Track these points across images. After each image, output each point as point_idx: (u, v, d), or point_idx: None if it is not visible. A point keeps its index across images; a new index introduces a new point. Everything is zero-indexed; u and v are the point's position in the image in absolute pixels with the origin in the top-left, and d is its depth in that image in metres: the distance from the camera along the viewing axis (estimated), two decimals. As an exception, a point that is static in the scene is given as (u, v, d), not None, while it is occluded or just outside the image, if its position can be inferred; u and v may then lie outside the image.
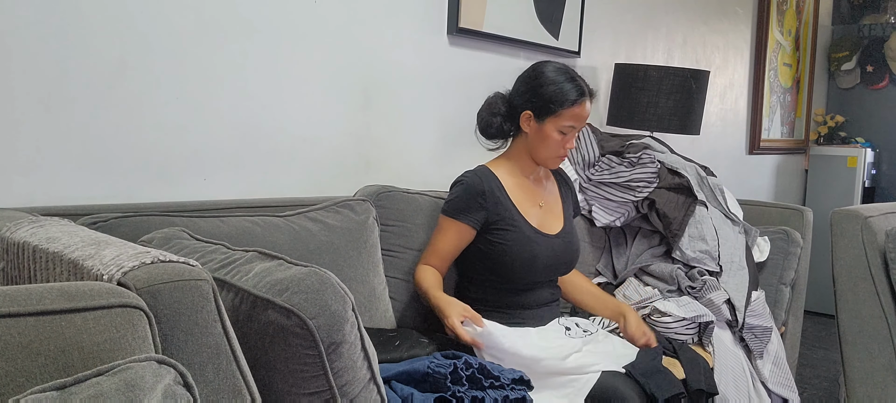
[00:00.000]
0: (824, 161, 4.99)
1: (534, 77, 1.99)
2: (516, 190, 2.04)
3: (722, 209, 2.59)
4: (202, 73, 1.90)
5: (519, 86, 2.02)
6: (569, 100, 1.94)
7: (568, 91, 1.94)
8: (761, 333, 2.40)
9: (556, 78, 1.96)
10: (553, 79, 1.95)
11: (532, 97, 1.97)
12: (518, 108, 2.00)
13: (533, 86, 1.98)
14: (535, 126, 1.98)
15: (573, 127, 1.97)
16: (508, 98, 2.04)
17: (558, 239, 2.07)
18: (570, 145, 2.00)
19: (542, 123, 1.97)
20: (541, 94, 1.95)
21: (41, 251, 1.15)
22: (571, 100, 1.94)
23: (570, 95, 1.94)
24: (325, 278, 1.17)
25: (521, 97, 2.00)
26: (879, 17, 5.15)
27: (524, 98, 1.99)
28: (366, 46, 2.28)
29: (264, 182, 2.07)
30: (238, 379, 1.01)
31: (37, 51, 1.61)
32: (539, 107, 1.96)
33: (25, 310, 0.83)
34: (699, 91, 2.96)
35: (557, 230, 2.09)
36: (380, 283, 1.97)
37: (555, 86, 1.94)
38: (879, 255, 2.18)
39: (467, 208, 1.95)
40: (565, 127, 1.96)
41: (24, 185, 1.62)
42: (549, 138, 1.97)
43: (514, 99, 2.02)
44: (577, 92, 1.95)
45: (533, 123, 1.98)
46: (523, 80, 2.02)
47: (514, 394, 1.61)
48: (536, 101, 1.96)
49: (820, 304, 4.70)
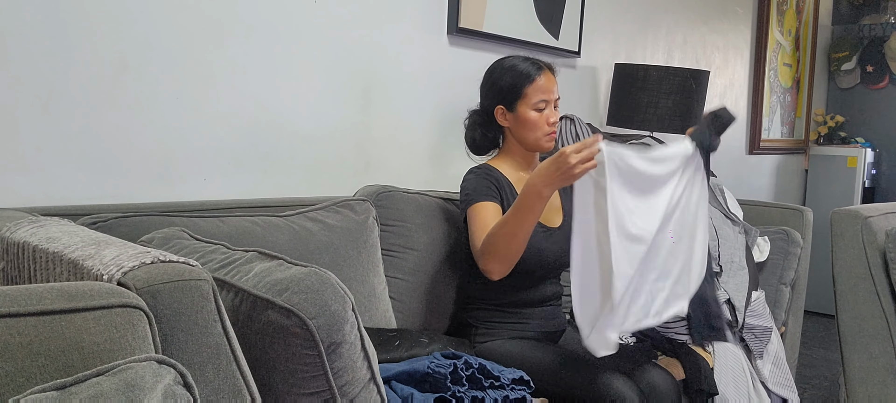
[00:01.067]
0: (824, 161, 4.99)
1: (489, 74, 2.04)
2: (519, 185, 2.04)
3: (722, 209, 2.59)
4: (202, 74, 1.90)
5: (482, 91, 2.06)
6: (528, 76, 1.97)
7: (523, 69, 1.98)
8: (761, 333, 2.40)
9: (511, 64, 2.00)
10: (508, 66, 2.00)
11: (494, 92, 2.01)
12: (490, 109, 2.03)
13: (491, 82, 2.02)
14: (511, 116, 2.00)
15: (545, 100, 1.98)
16: (480, 107, 2.08)
17: (561, 231, 2.07)
18: (553, 119, 2.01)
19: (515, 110, 1.99)
20: (501, 86, 1.99)
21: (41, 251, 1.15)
22: (531, 76, 1.97)
23: (526, 70, 1.97)
24: (325, 278, 1.17)
25: (487, 99, 2.04)
26: (879, 17, 5.15)
27: (489, 97, 2.03)
28: (366, 46, 2.28)
29: (264, 182, 2.07)
30: (238, 379, 1.01)
31: (37, 51, 1.61)
32: (504, 96, 1.99)
33: (25, 310, 0.83)
34: (699, 91, 2.96)
35: (559, 223, 2.09)
36: (380, 283, 1.97)
37: (510, 72, 1.98)
38: (879, 255, 2.18)
39: (487, 190, 1.95)
40: (537, 103, 1.97)
41: (24, 185, 1.62)
42: (527, 120, 1.98)
43: (484, 104, 2.06)
44: (532, 65, 1.99)
45: (508, 115, 2.01)
46: (483, 84, 2.06)
47: (515, 394, 1.61)
48: (500, 93, 1.99)
49: (820, 304, 4.70)
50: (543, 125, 2.00)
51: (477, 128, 2.07)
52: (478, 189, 1.96)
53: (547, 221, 2.05)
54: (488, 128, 2.06)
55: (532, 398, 1.67)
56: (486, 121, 2.06)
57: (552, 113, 2.00)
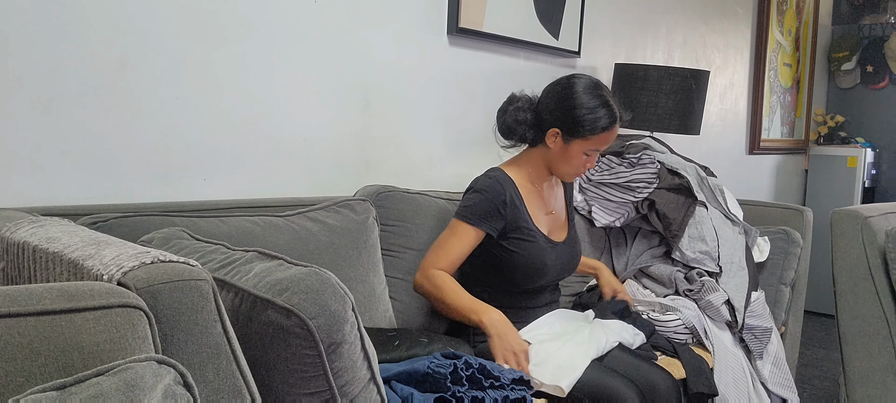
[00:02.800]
0: (824, 161, 4.99)
1: (566, 96, 1.93)
2: (530, 197, 2.02)
3: (722, 209, 2.59)
4: (202, 73, 1.90)
5: (549, 102, 1.96)
6: (600, 126, 1.90)
7: (600, 117, 1.90)
8: (761, 334, 2.40)
9: (590, 102, 1.90)
10: (586, 103, 1.90)
11: (563, 116, 1.92)
12: (546, 122, 1.95)
13: (565, 107, 1.92)
14: (562, 144, 1.95)
15: (598, 149, 1.96)
16: (536, 107, 1.99)
17: (565, 246, 2.07)
18: (591, 165, 1.99)
19: (569, 143, 1.94)
20: (573, 116, 1.91)
21: (41, 251, 1.15)
22: (603, 127, 1.91)
23: (601, 122, 1.90)
24: (324, 278, 1.17)
25: (551, 114, 1.95)
26: (879, 17, 5.14)
27: (554, 116, 1.94)
28: (366, 46, 2.28)
29: (264, 182, 2.07)
30: (238, 379, 1.01)
31: (37, 51, 1.61)
32: (569, 127, 1.92)
33: (25, 310, 0.83)
34: (699, 91, 2.96)
35: (563, 237, 2.08)
36: (380, 283, 1.97)
37: (587, 111, 1.90)
38: (879, 255, 2.18)
39: (488, 216, 1.91)
40: (591, 150, 1.95)
41: (24, 185, 1.62)
42: (573, 158, 1.95)
43: (543, 112, 1.97)
44: (610, 118, 1.91)
45: (559, 141, 1.95)
46: (555, 96, 1.96)
47: (514, 394, 1.61)
48: (567, 122, 1.92)
49: (820, 304, 4.70)
50: (581, 167, 1.98)
51: (523, 124, 1.97)
52: (480, 209, 1.91)
53: (553, 235, 2.05)
54: (532, 129, 1.98)
55: (532, 398, 1.67)
56: (536, 125, 1.98)
57: (593, 160, 1.99)
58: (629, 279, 2.49)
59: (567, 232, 2.11)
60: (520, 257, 1.95)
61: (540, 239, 1.99)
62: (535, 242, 1.97)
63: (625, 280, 2.50)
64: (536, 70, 2.86)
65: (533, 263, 1.96)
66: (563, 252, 2.05)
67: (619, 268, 2.60)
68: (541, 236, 1.99)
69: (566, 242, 2.08)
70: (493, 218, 1.92)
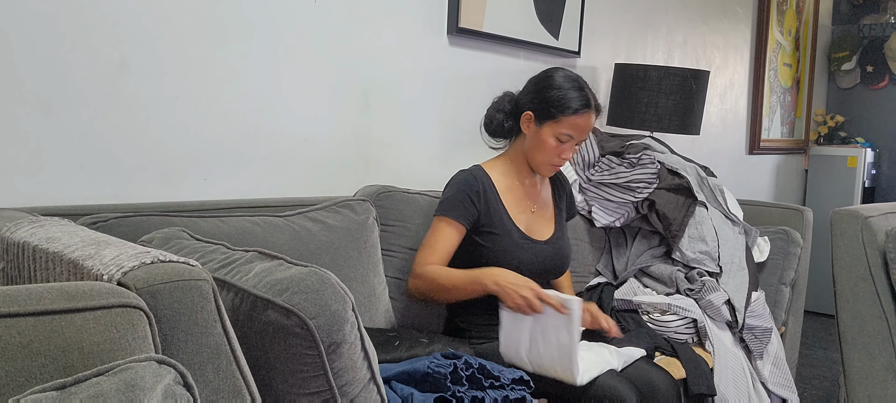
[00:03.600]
0: (824, 161, 4.99)
1: (542, 79, 1.98)
2: (508, 193, 2.02)
3: (722, 210, 2.59)
4: (202, 74, 1.90)
5: (527, 87, 2.02)
6: (570, 107, 1.92)
7: (572, 99, 1.92)
8: (761, 334, 2.40)
9: (563, 84, 1.94)
10: (559, 84, 1.94)
11: (535, 98, 1.96)
12: (521, 108, 1.99)
13: (539, 88, 1.97)
14: (534, 128, 1.97)
15: (571, 136, 1.94)
16: (516, 97, 2.04)
17: (547, 245, 2.05)
18: (565, 156, 1.98)
19: (541, 127, 1.96)
20: (544, 97, 1.94)
21: (41, 251, 1.15)
22: (573, 109, 1.92)
23: (572, 103, 1.92)
24: (325, 278, 1.17)
25: (526, 97, 2.00)
26: (879, 17, 5.14)
27: (528, 98, 1.99)
28: (366, 46, 2.28)
29: (264, 182, 2.07)
30: (238, 379, 1.01)
31: (37, 51, 1.61)
32: (540, 109, 1.95)
33: (25, 310, 0.83)
34: (699, 91, 2.96)
35: (548, 236, 2.07)
36: (380, 283, 1.97)
37: (559, 92, 1.92)
38: (879, 255, 2.18)
39: (461, 205, 1.93)
40: (563, 134, 1.94)
41: (25, 185, 1.62)
42: (544, 143, 1.95)
43: (521, 98, 2.02)
44: (581, 101, 1.92)
45: (532, 125, 1.97)
46: (532, 81, 2.02)
47: (514, 394, 1.61)
48: (539, 103, 1.95)
49: (820, 304, 4.70)
50: (554, 156, 1.96)
51: (500, 113, 2.03)
52: (453, 201, 1.93)
53: (533, 232, 2.03)
54: (509, 119, 2.02)
55: (532, 398, 1.67)
56: (513, 113, 2.02)
57: (569, 149, 1.97)
58: (630, 278, 2.50)
59: (553, 232, 2.09)
60: (490, 252, 1.95)
61: (513, 234, 1.98)
62: (506, 237, 1.96)
63: (625, 280, 2.50)
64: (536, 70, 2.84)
65: (506, 260, 1.93)
66: (542, 251, 2.02)
67: (619, 268, 2.59)
68: (516, 232, 1.99)
69: (549, 241, 2.05)
70: (465, 208, 1.93)
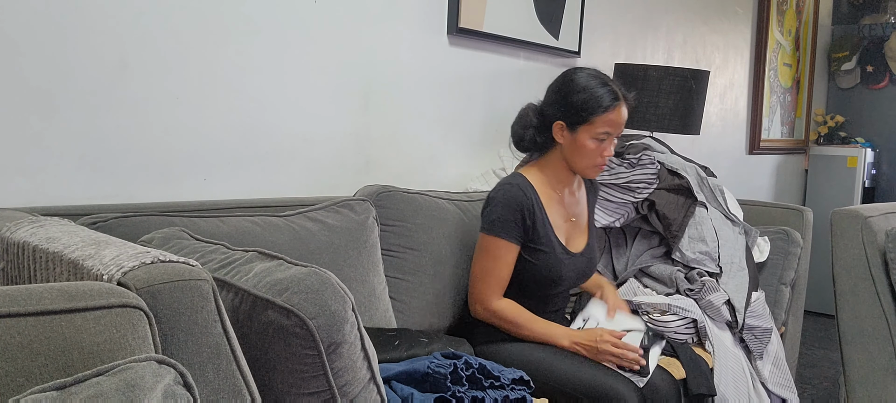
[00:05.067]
0: (824, 161, 4.99)
1: (564, 85, 1.91)
2: (551, 204, 1.98)
3: (722, 210, 2.59)
4: (203, 74, 1.90)
5: (549, 96, 1.95)
6: (601, 106, 1.86)
7: (600, 97, 1.86)
8: (761, 334, 2.40)
9: (588, 84, 1.88)
10: (584, 86, 1.87)
11: (563, 106, 1.90)
12: (550, 119, 1.93)
13: (563, 95, 1.90)
14: (569, 136, 1.91)
15: (609, 133, 1.89)
16: (540, 108, 1.97)
17: (582, 256, 2.03)
18: (608, 153, 1.92)
19: (576, 133, 1.89)
20: (572, 103, 1.88)
21: (41, 251, 1.15)
22: (604, 107, 1.86)
23: (602, 101, 1.86)
24: (324, 278, 1.17)
25: (552, 107, 1.93)
26: (879, 17, 5.14)
27: (555, 108, 1.92)
28: (366, 46, 2.28)
29: (264, 182, 2.07)
30: (238, 379, 1.01)
31: (38, 51, 1.61)
32: (570, 116, 1.89)
33: (25, 310, 0.83)
34: (699, 91, 2.96)
35: (582, 247, 2.04)
36: (380, 283, 1.97)
37: (586, 94, 1.86)
38: (879, 255, 2.18)
39: (514, 224, 1.88)
40: (600, 134, 1.88)
41: (25, 185, 1.62)
42: (584, 147, 1.89)
43: (546, 109, 1.95)
44: (611, 97, 1.87)
45: (566, 134, 1.91)
46: (554, 90, 1.95)
47: (515, 394, 1.61)
48: (567, 110, 1.89)
49: (820, 304, 4.70)
50: (597, 157, 1.91)
51: (529, 129, 1.96)
52: (506, 220, 1.87)
53: (571, 245, 2.02)
54: (540, 133, 1.96)
55: (532, 398, 1.67)
56: (542, 126, 1.95)
57: (610, 145, 1.91)
58: (630, 278, 2.49)
59: (586, 242, 2.06)
60: (536, 268, 1.92)
61: (558, 249, 1.95)
62: (552, 253, 1.93)
63: (625, 280, 2.50)
64: (536, 70, 2.86)
65: (549, 275, 1.93)
66: (579, 262, 2.01)
67: (619, 268, 2.59)
68: (559, 246, 1.96)
69: (584, 252, 2.03)
70: (518, 227, 1.88)
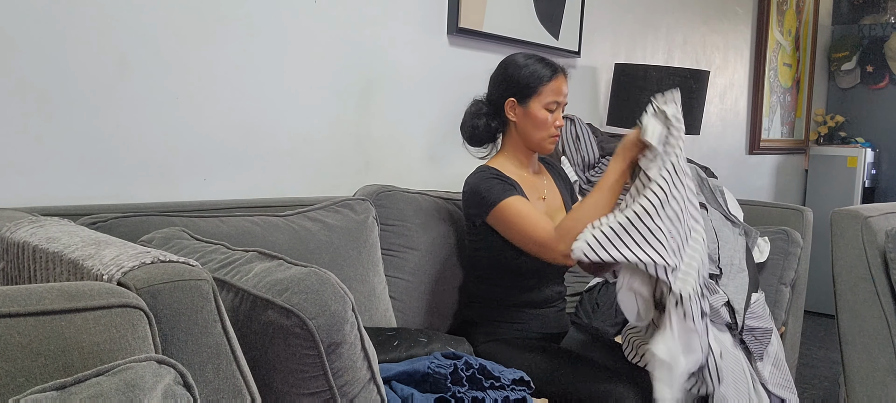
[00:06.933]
0: (824, 161, 5.00)
1: (505, 67, 2.03)
2: (521, 183, 2.03)
3: (722, 211, 2.59)
4: (202, 73, 1.90)
5: (494, 82, 2.05)
6: (545, 76, 1.98)
7: (541, 68, 1.98)
8: (761, 335, 2.39)
9: (527, 62, 2.00)
10: (524, 63, 2.00)
11: (510, 85, 2.00)
12: (500, 101, 2.02)
13: (507, 76, 2.01)
14: (521, 111, 1.99)
15: (557, 102, 1.99)
16: (487, 98, 2.06)
17: None
18: (559, 123, 2.02)
19: (527, 105, 1.98)
20: (517, 79, 1.98)
21: (41, 251, 1.15)
22: (548, 77, 1.98)
23: (545, 72, 1.98)
24: (324, 278, 1.17)
25: (498, 89, 2.03)
26: (879, 17, 5.15)
27: (502, 89, 2.02)
28: (366, 46, 2.28)
29: (264, 182, 2.07)
30: (238, 379, 1.01)
31: (38, 50, 1.61)
32: (519, 91, 1.98)
33: (25, 310, 0.83)
34: (699, 91, 2.96)
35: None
36: (380, 283, 1.97)
37: (528, 69, 1.98)
38: (879, 255, 2.18)
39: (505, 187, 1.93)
40: (549, 103, 1.98)
41: (25, 185, 1.62)
42: (537, 117, 1.98)
43: (493, 95, 2.04)
44: (551, 69, 1.99)
45: (518, 109, 2.00)
46: (496, 76, 2.05)
47: (515, 395, 1.61)
48: (515, 87, 1.99)
49: (820, 304, 4.70)
50: (550, 127, 2.00)
51: (481, 118, 2.05)
52: (494, 188, 1.93)
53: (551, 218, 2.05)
54: (492, 119, 2.05)
55: (532, 398, 1.67)
56: (492, 112, 2.05)
57: (559, 116, 2.01)
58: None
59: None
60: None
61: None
62: None
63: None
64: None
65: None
66: None
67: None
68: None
69: None
70: (508, 187, 1.94)
